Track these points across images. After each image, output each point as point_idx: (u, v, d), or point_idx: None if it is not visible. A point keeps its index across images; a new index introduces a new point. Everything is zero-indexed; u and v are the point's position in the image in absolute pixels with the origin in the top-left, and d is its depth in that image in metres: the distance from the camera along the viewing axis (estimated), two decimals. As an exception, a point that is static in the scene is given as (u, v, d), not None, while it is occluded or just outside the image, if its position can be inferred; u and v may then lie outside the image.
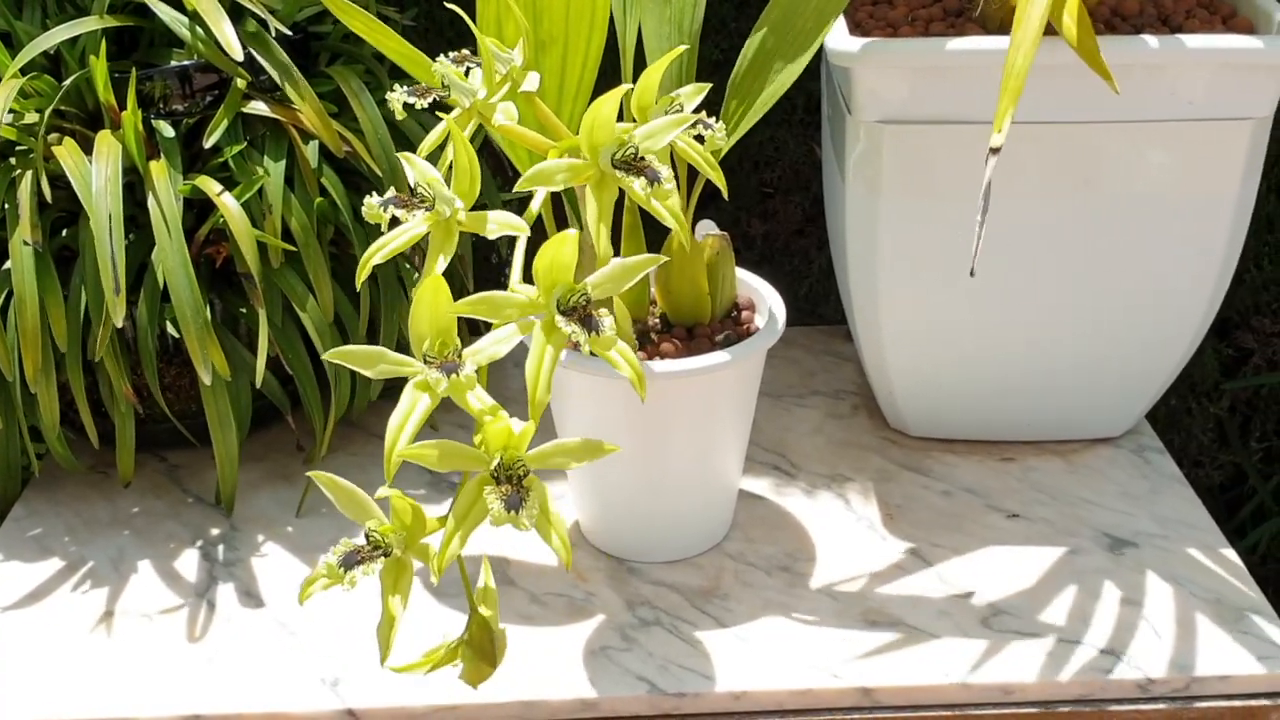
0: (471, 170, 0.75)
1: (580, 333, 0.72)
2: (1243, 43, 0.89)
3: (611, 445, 0.73)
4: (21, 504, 1.02)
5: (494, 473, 0.71)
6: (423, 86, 0.80)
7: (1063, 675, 0.84)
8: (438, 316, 0.71)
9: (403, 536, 0.72)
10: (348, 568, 0.71)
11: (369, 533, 0.72)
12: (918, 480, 1.02)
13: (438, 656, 0.77)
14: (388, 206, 0.75)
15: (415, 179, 0.76)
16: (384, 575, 0.72)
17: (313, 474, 0.73)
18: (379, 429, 1.08)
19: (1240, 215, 0.94)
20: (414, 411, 0.72)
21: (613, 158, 0.75)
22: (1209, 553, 0.94)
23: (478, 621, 0.76)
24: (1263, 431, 1.34)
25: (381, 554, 0.71)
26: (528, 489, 0.70)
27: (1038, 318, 0.97)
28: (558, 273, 0.72)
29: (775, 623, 0.88)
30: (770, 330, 0.90)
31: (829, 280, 1.31)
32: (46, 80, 0.96)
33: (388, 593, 0.72)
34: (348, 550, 0.71)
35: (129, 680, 0.85)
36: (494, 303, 0.73)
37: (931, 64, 0.89)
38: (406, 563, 0.73)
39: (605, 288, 0.74)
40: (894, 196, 0.94)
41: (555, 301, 0.73)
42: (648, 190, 0.74)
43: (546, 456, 0.73)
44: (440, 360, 0.72)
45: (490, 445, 0.71)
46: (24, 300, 0.91)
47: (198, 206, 0.96)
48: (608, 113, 0.75)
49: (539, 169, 0.76)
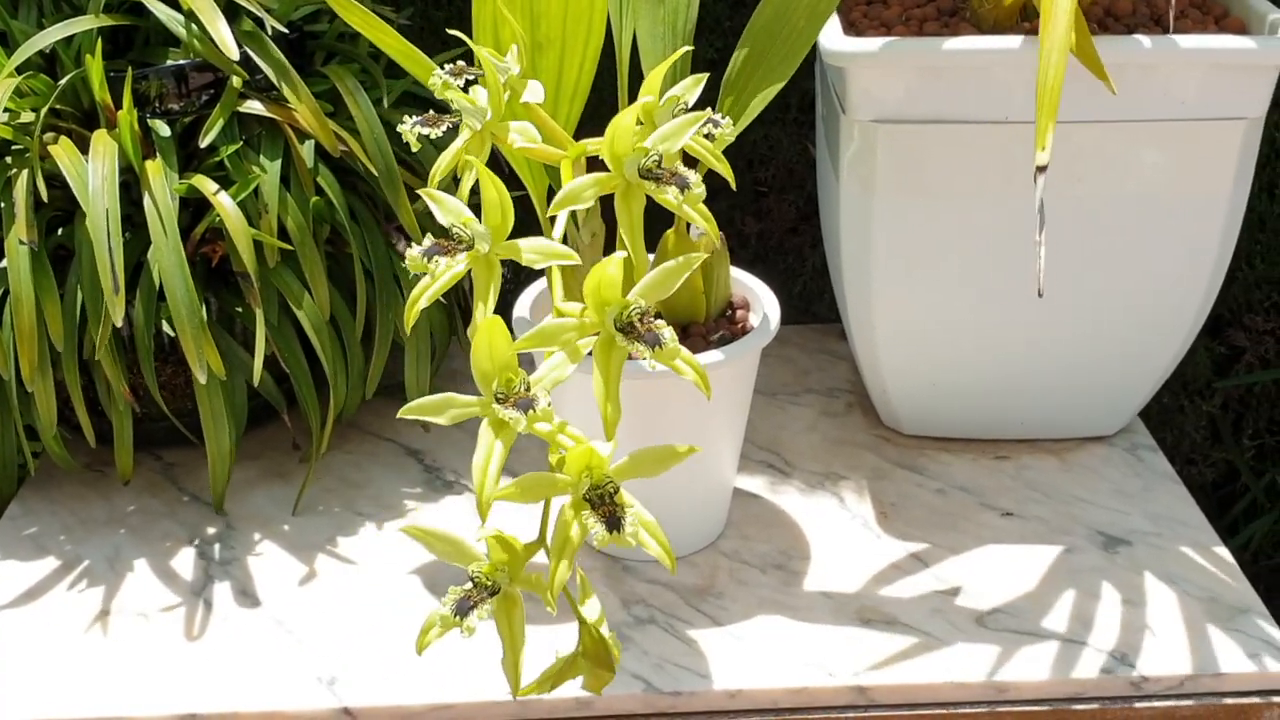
0: (503, 203, 0.75)
1: (643, 349, 0.72)
2: (1235, 43, 0.89)
3: (686, 448, 0.74)
4: (17, 503, 1.02)
5: (586, 496, 0.71)
6: (433, 115, 0.80)
7: (1057, 673, 0.84)
8: (498, 355, 0.72)
9: (506, 572, 0.72)
10: (463, 614, 0.70)
11: (474, 575, 0.72)
12: (912, 478, 1.02)
13: (556, 672, 0.78)
14: (431, 256, 0.75)
15: (447, 220, 0.76)
16: (497, 612, 0.72)
17: (405, 529, 0.73)
18: (374, 427, 1.09)
19: (1233, 214, 0.95)
20: (493, 453, 0.72)
21: (639, 168, 0.75)
22: (1202, 551, 0.94)
23: (589, 633, 0.76)
24: (1255, 429, 1.35)
25: (490, 594, 0.71)
26: (622, 505, 0.71)
27: (1032, 317, 0.98)
28: (607, 291, 0.73)
29: (770, 621, 0.89)
30: (765, 329, 0.91)
31: (823, 279, 1.31)
32: (42, 79, 0.96)
33: (504, 628, 0.73)
34: (459, 596, 0.71)
35: (125, 679, 0.85)
36: (551, 333, 0.74)
37: (925, 64, 0.90)
38: (515, 596, 0.73)
39: (652, 295, 0.74)
40: (888, 196, 0.94)
41: (612, 321, 0.73)
42: (679, 199, 0.75)
43: (629, 469, 0.73)
44: (512, 397, 0.72)
45: (572, 469, 0.71)
46: (20, 299, 0.91)
47: (193, 205, 0.96)
48: (628, 124, 0.75)
49: (569, 190, 0.76)
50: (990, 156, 0.92)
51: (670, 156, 0.76)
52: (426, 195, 0.77)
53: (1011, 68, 0.89)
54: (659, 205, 0.76)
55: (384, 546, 0.96)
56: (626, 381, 0.81)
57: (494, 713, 0.84)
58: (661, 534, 0.72)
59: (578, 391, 0.89)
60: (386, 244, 1.01)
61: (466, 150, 0.79)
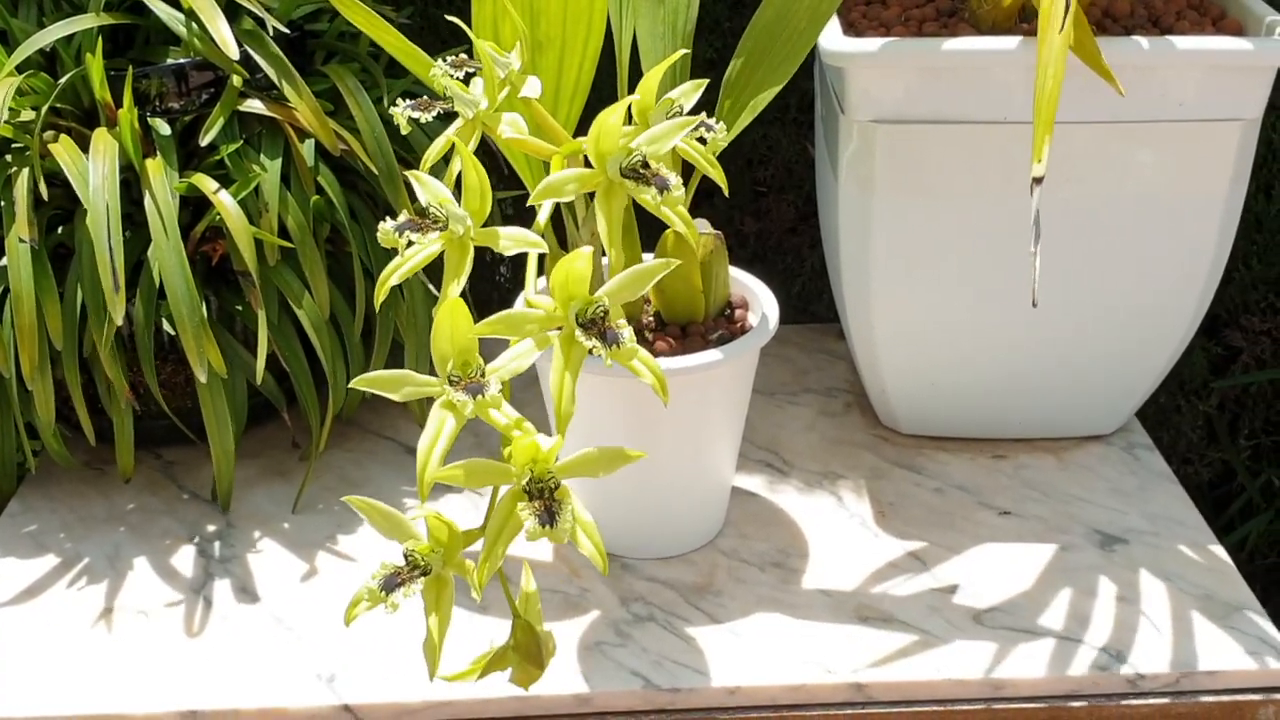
0: (482, 188, 0.76)
1: (600, 346, 0.72)
2: (1232, 44, 0.89)
3: (637, 452, 0.74)
4: (17, 500, 1.02)
5: (525, 488, 0.71)
6: (425, 100, 0.81)
7: (1054, 671, 0.84)
8: (458, 337, 0.72)
9: (441, 554, 0.73)
10: (389, 590, 0.71)
11: (407, 553, 0.72)
12: (910, 478, 1.03)
13: (485, 663, 0.78)
14: (403, 231, 0.76)
15: (426, 199, 0.77)
16: (425, 593, 0.73)
17: (349, 499, 0.74)
18: (374, 425, 1.09)
19: (1230, 215, 0.95)
20: (441, 433, 0.72)
21: (620, 167, 0.76)
22: (1198, 550, 0.95)
23: (521, 626, 0.77)
24: (1251, 429, 1.35)
25: (421, 574, 0.72)
26: (560, 501, 0.71)
27: (1030, 316, 0.98)
28: (573, 286, 0.73)
29: (769, 619, 0.89)
30: (764, 329, 0.91)
31: (821, 279, 1.31)
32: (43, 78, 0.96)
33: (430, 610, 0.73)
34: (388, 573, 0.71)
35: (126, 676, 0.86)
36: (513, 320, 0.74)
37: (925, 64, 0.90)
38: (447, 579, 0.73)
39: (620, 295, 0.75)
40: (887, 196, 0.94)
41: (574, 315, 0.73)
42: (658, 199, 0.75)
43: (573, 468, 0.73)
44: (465, 380, 0.72)
45: (518, 460, 0.72)
46: (20, 298, 0.91)
47: (192, 204, 0.97)
48: (614, 123, 0.75)
49: (549, 182, 0.77)
50: (989, 157, 0.92)
51: (660, 158, 0.76)
52: (411, 176, 0.78)
53: (1010, 68, 0.89)
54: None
55: (383, 544, 0.96)
56: (625, 380, 0.82)
57: (492, 709, 0.84)
58: (597, 535, 0.72)
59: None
60: (386, 243, 1.01)
61: (460, 134, 0.80)
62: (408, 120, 0.81)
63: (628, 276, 0.75)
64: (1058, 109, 0.76)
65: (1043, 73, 0.77)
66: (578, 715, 0.84)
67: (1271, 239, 1.28)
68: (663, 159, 0.77)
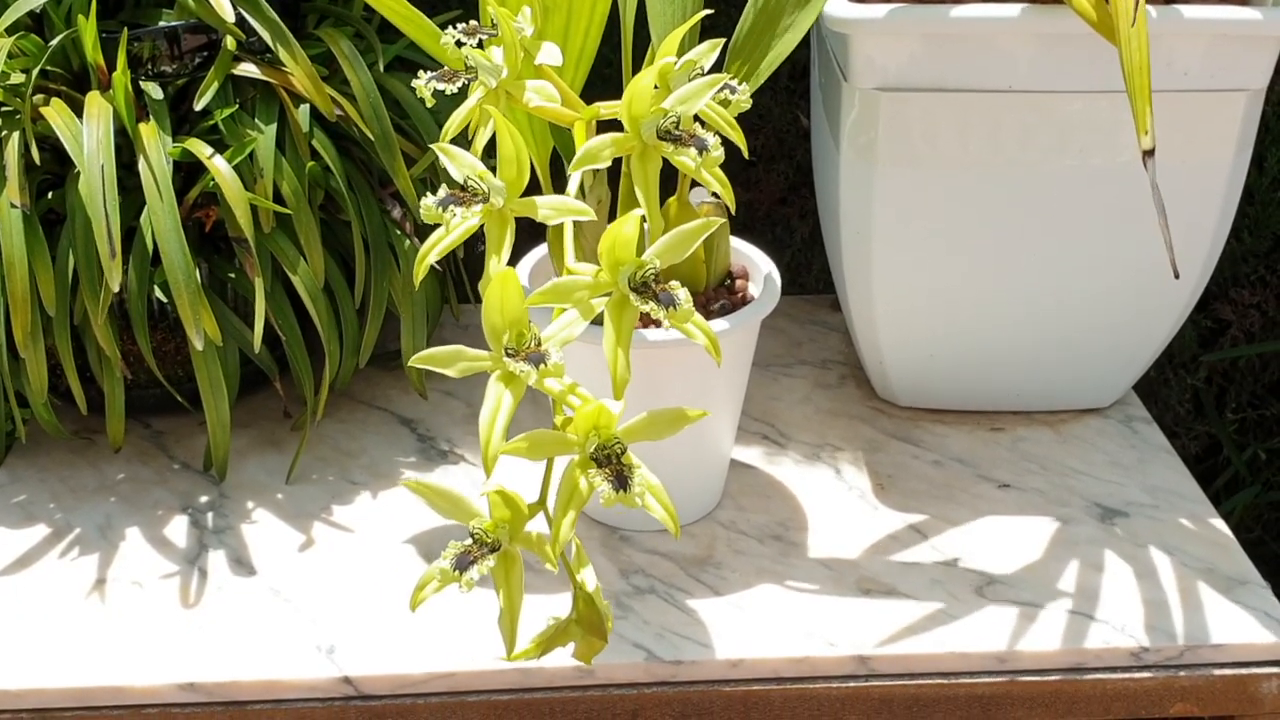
0: (519, 158, 0.75)
1: (658, 309, 0.72)
2: (1239, 14, 0.89)
3: (696, 411, 0.74)
4: (5, 470, 1.00)
5: (593, 455, 0.71)
6: (449, 71, 0.80)
7: (1057, 643, 0.84)
8: (509, 309, 0.71)
9: (507, 530, 0.72)
10: (462, 569, 0.70)
11: (474, 531, 0.71)
12: (908, 450, 1.02)
13: (546, 638, 0.77)
14: (446, 206, 0.75)
15: (459, 173, 0.75)
16: (495, 570, 0.72)
17: (407, 483, 0.73)
18: (366, 396, 1.08)
19: (1233, 186, 0.95)
20: (500, 407, 0.71)
21: (656, 130, 0.75)
22: (1199, 523, 0.94)
23: (584, 598, 0.76)
24: (1238, 403, 1.36)
25: (490, 550, 0.71)
26: (629, 465, 0.71)
27: (1030, 288, 0.98)
28: (621, 251, 0.72)
29: (770, 591, 0.88)
30: (769, 298, 0.90)
31: (812, 249, 1.30)
32: (33, 40, 0.94)
33: (501, 586, 0.72)
34: (459, 552, 0.71)
35: (122, 648, 0.84)
36: (564, 289, 0.74)
37: (930, 31, 0.89)
38: (515, 555, 0.73)
39: (667, 258, 0.74)
40: (889, 165, 0.93)
41: (626, 280, 0.72)
42: (698, 161, 0.74)
43: (637, 431, 0.73)
44: (523, 352, 0.71)
45: (579, 428, 0.71)
46: (13, 264, 0.89)
47: (185, 170, 0.95)
48: (646, 85, 0.75)
49: (588, 149, 0.76)
50: (994, 126, 0.91)
51: (686, 120, 0.75)
52: (440, 149, 0.76)
53: (1016, 36, 0.89)
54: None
55: (381, 515, 0.96)
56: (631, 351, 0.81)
57: (494, 681, 0.83)
58: (666, 498, 0.72)
59: (576, 363, 0.88)
60: (381, 210, 1.00)
61: (485, 104, 0.79)
62: (432, 93, 0.79)
63: (673, 238, 0.74)
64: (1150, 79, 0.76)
65: (1126, 45, 0.76)
66: (580, 687, 0.84)
67: (1263, 211, 1.28)
68: (688, 121, 0.76)
